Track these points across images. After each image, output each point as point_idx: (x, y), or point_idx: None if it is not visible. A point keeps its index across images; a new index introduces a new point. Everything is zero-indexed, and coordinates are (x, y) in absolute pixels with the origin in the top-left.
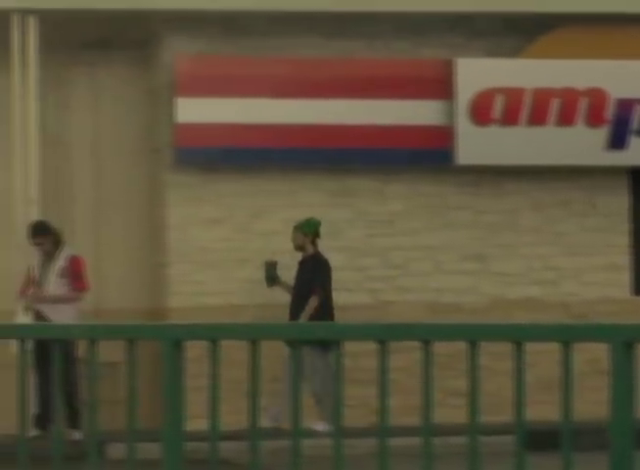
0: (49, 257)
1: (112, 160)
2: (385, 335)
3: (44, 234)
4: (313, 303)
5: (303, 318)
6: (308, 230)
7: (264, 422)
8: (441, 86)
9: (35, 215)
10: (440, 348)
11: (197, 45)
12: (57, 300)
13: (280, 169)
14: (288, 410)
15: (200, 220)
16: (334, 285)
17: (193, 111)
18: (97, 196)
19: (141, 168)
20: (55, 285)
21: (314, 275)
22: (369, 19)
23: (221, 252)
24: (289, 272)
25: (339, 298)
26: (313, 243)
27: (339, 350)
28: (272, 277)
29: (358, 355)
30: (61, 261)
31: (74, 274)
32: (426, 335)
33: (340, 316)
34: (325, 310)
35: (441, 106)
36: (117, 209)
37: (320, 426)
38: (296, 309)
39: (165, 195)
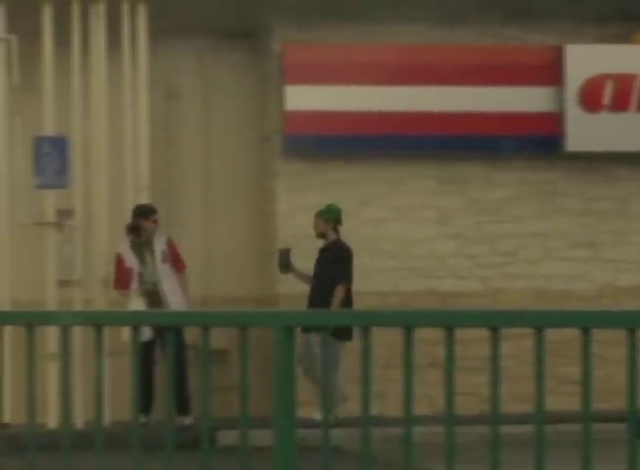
0: (146, 242)
1: (221, 148)
2: (497, 322)
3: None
4: (340, 293)
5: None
6: (329, 217)
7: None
8: (551, 73)
9: (146, 202)
10: (551, 335)
11: (305, 33)
12: (185, 290)
13: (388, 157)
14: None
15: (308, 208)
16: (443, 272)
17: (301, 99)
18: (206, 184)
19: (250, 156)
20: (162, 272)
21: (337, 264)
22: (478, 5)
23: None
24: (306, 261)
25: (449, 285)
26: (335, 230)
27: (451, 338)
28: (286, 264)
29: (467, 343)
30: (162, 245)
31: (175, 256)
32: (538, 322)
33: (450, 303)
34: (347, 299)
35: (551, 92)
36: (226, 196)
37: (319, 415)
38: (317, 297)
39: (274, 183)
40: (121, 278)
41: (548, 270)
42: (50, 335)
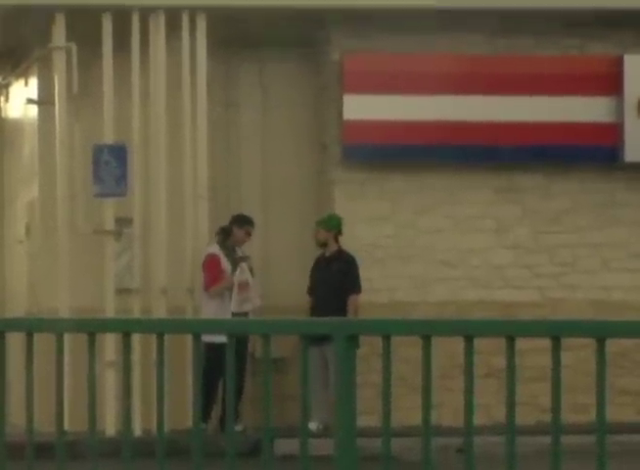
0: (233, 249)
1: (279, 156)
2: (559, 331)
3: (254, 226)
4: (355, 301)
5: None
6: (331, 226)
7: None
8: (610, 83)
9: (205, 210)
10: (608, 345)
11: (364, 43)
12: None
13: (445, 166)
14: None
15: (365, 217)
16: (501, 283)
17: (360, 108)
18: (265, 192)
19: (308, 165)
20: (249, 276)
21: (346, 274)
22: (537, 16)
23: (387, 248)
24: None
25: (506, 295)
26: (336, 239)
27: (512, 347)
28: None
29: (523, 353)
30: (249, 256)
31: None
32: (600, 332)
33: (508, 314)
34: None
35: (610, 102)
36: (285, 205)
37: (314, 425)
38: (327, 307)
39: (332, 191)
40: (218, 278)
41: (606, 281)
42: (107, 343)
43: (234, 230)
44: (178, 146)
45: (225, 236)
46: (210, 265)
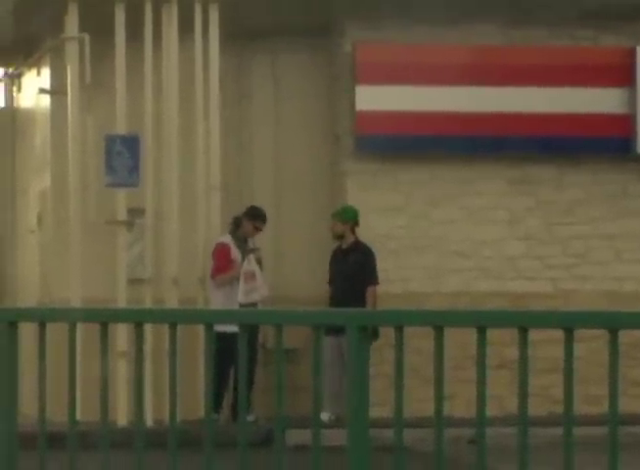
0: (244, 240)
1: (292, 147)
2: (572, 322)
3: (265, 222)
4: (374, 292)
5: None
6: (347, 217)
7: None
8: (623, 74)
9: (217, 202)
10: (620, 337)
11: (376, 33)
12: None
13: (458, 157)
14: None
15: (379, 208)
16: (513, 274)
17: (372, 98)
18: (277, 183)
19: (321, 156)
20: (256, 267)
21: (364, 266)
22: (550, 7)
23: (400, 239)
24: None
25: (518, 286)
26: (352, 231)
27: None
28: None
29: (535, 344)
30: (259, 247)
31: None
32: (613, 323)
33: (520, 305)
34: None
35: (623, 94)
36: (298, 196)
37: (326, 416)
38: (346, 299)
39: (345, 182)
40: (226, 267)
41: (619, 272)
42: (119, 333)
43: (244, 222)
44: (191, 136)
45: (236, 226)
46: (220, 254)
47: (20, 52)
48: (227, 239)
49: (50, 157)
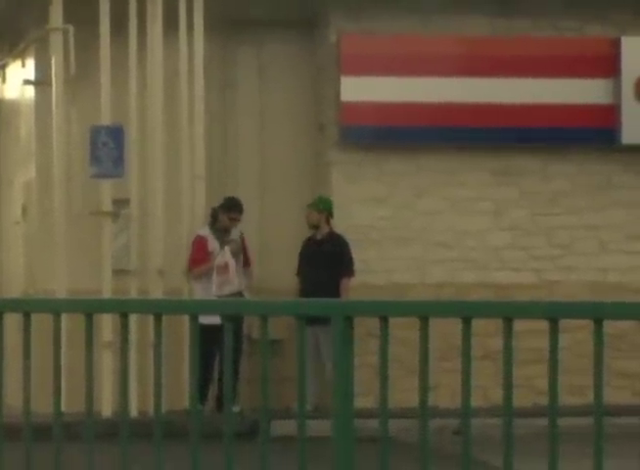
0: (224, 231)
1: (276, 137)
2: (557, 313)
3: (242, 212)
4: (347, 284)
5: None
6: (323, 207)
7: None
8: (607, 65)
9: (202, 192)
10: (605, 328)
11: (362, 24)
12: (249, 285)
13: (443, 148)
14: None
15: (362, 199)
16: (498, 264)
17: (357, 89)
18: (262, 173)
19: (305, 146)
20: (235, 262)
21: (339, 257)
22: None
23: (384, 230)
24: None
25: (503, 277)
26: (327, 221)
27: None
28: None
29: (519, 335)
30: (237, 239)
31: (245, 251)
32: (598, 313)
33: (504, 295)
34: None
35: (607, 84)
36: (282, 186)
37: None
38: (317, 288)
39: (329, 173)
40: (202, 260)
41: (603, 263)
42: (104, 324)
43: (220, 214)
44: (175, 127)
45: (214, 218)
46: (196, 247)
47: (4, 43)
48: (205, 231)
49: (35, 148)
